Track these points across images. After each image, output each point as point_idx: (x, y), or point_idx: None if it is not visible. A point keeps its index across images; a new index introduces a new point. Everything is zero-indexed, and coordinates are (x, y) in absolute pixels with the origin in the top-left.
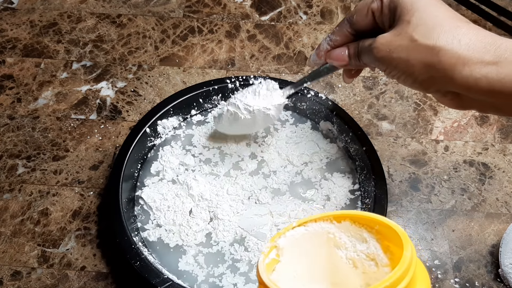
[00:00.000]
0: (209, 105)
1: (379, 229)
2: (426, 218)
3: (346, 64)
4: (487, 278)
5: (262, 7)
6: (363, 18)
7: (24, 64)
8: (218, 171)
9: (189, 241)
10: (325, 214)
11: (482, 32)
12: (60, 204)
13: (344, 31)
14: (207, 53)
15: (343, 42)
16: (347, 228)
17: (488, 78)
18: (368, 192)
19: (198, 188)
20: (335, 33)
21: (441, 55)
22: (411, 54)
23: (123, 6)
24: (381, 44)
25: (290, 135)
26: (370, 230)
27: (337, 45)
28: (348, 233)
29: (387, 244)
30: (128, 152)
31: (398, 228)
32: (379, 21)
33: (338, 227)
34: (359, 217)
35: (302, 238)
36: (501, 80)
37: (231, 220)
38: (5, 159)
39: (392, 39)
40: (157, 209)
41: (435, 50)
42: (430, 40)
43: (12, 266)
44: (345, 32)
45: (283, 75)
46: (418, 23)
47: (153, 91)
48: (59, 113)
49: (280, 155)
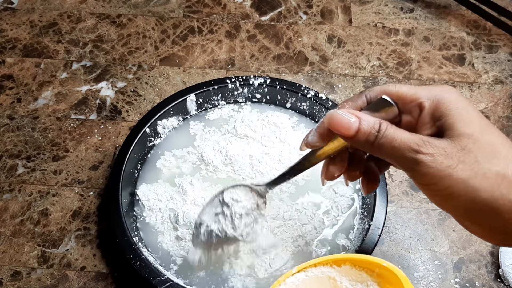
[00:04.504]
0: (209, 105)
1: (379, 272)
2: (426, 218)
3: (349, 136)
4: (487, 278)
5: (262, 7)
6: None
7: (24, 64)
8: (217, 175)
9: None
10: (324, 259)
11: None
12: (60, 204)
13: (358, 104)
14: (207, 53)
15: None
16: (348, 272)
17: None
18: None
19: (193, 193)
20: (347, 101)
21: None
22: (478, 179)
23: (123, 6)
24: (439, 153)
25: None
26: (370, 274)
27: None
28: (349, 276)
29: (388, 287)
30: (128, 152)
31: (399, 272)
32: (410, 121)
33: (339, 271)
34: (359, 260)
35: (303, 284)
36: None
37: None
38: (5, 159)
39: (455, 152)
40: (149, 209)
41: (506, 179)
42: (501, 168)
43: (12, 266)
44: (358, 106)
45: (283, 75)
46: (484, 143)
47: (153, 91)
48: (59, 113)
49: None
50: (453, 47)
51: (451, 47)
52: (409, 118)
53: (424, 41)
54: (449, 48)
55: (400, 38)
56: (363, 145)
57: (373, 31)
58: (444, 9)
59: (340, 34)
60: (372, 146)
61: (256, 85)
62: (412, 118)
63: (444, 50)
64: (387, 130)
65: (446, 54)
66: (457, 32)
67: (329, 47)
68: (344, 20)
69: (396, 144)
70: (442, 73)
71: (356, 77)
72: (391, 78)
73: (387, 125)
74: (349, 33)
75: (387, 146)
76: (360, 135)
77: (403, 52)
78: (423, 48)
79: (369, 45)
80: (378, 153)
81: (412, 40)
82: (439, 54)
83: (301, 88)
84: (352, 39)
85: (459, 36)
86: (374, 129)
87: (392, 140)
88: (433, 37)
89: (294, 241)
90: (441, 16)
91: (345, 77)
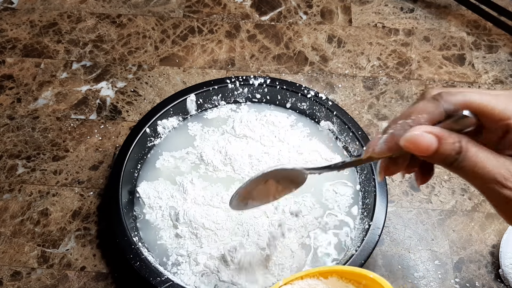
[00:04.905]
0: (209, 105)
1: (366, 283)
2: (426, 218)
3: (426, 156)
4: (487, 278)
5: (262, 7)
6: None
7: (24, 64)
8: (216, 174)
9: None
10: (310, 271)
11: None
12: (60, 204)
13: (435, 118)
14: (207, 53)
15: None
16: (334, 284)
17: None
18: (368, 192)
19: (193, 191)
20: (421, 112)
21: None
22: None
23: (123, 6)
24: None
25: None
26: (357, 286)
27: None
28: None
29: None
30: (128, 152)
31: (386, 284)
32: (491, 137)
33: (326, 283)
34: (346, 272)
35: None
36: None
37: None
38: (5, 159)
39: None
40: (150, 206)
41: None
42: None
43: (12, 266)
44: (435, 120)
45: (283, 75)
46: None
47: (153, 91)
48: (59, 113)
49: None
50: (453, 47)
51: (451, 47)
52: (490, 135)
53: (424, 41)
54: (449, 48)
55: (400, 38)
56: (439, 163)
57: (373, 31)
58: (444, 9)
59: (340, 34)
60: (450, 167)
61: (256, 85)
62: (495, 136)
63: (444, 50)
64: (468, 152)
65: (446, 54)
66: (457, 32)
67: (329, 47)
68: (344, 20)
69: (479, 171)
70: (442, 73)
71: (356, 77)
72: (391, 78)
73: (468, 145)
74: (349, 33)
75: (468, 171)
76: (438, 155)
77: (403, 52)
78: (423, 48)
79: (369, 45)
80: (457, 173)
81: (412, 40)
82: (439, 54)
83: (301, 88)
84: (352, 39)
85: (459, 36)
86: (454, 150)
87: (474, 166)
88: (433, 37)
89: (297, 232)
90: (441, 16)
91: (345, 77)
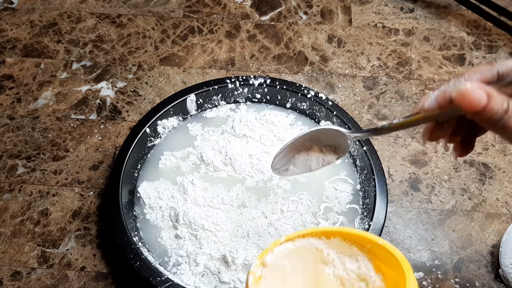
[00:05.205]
0: (209, 105)
1: (371, 248)
2: (426, 218)
3: (474, 112)
4: (487, 278)
5: (262, 7)
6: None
7: (24, 64)
8: (217, 175)
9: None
10: (313, 230)
11: None
12: (60, 204)
13: (487, 78)
14: (207, 53)
15: None
16: (337, 244)
17: None
18: (368, 192)
19: (194, 192)
20: (475, 71)
21: None
22: None
23: (123, 6)
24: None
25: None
26: (361, 249)
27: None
28: (337, 249)
29: (378, 264)
30: (128, 152)
31: (397, 252)
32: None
33: (327, 243)
34: (350, 234)
35: (290, 253)
36: None
37: (219, 230)
38: (5, 159)
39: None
40: (150, 207)
41: None
42: None
43: (12, 266)
44: (487, 79)
45: (283, 75)
46: None
47: (153, 91)
48: (59, 113)
49: None
50: (453, 47)
51: (451, 47)
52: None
53: (424, 41)
54: (449, 48)
55: (400, 38)
56: (484, 122)
57: (373, 31)
58: (444, 9)
59: (340, 34)
60: (494, 125)
61: (256, 85)
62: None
63: (444, 50)
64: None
65: (446, 54)
66: (457, 32)
67: (329, 47)
68: (344, 20)
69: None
70: (442, 73)
71: (356, 77)
72: (391, 78)
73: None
74: (349, 33)
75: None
76: (486, 112)
77: (403, 52)
78: (423, 48)
79: (369, 45)
80: (499, 132)
81: (412, 40)
82: (439, 54)
83: (301, 88)
84: (352, 39)
85: (459, 36)
86: (502, 109)
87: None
88: (433, 37)
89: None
90: (441, 16)
91: (345, 77)
